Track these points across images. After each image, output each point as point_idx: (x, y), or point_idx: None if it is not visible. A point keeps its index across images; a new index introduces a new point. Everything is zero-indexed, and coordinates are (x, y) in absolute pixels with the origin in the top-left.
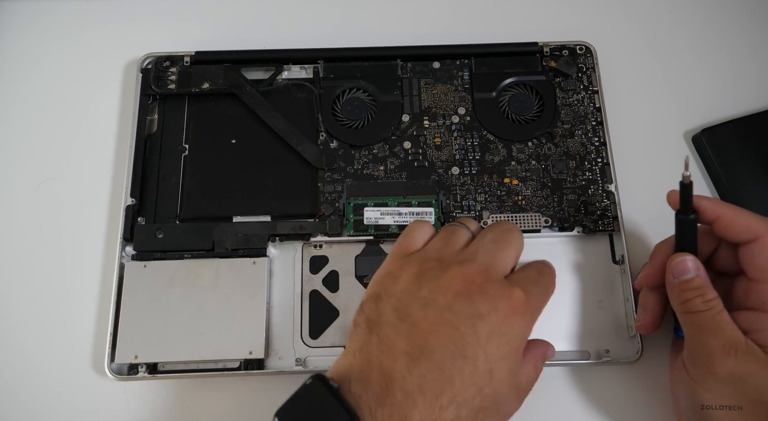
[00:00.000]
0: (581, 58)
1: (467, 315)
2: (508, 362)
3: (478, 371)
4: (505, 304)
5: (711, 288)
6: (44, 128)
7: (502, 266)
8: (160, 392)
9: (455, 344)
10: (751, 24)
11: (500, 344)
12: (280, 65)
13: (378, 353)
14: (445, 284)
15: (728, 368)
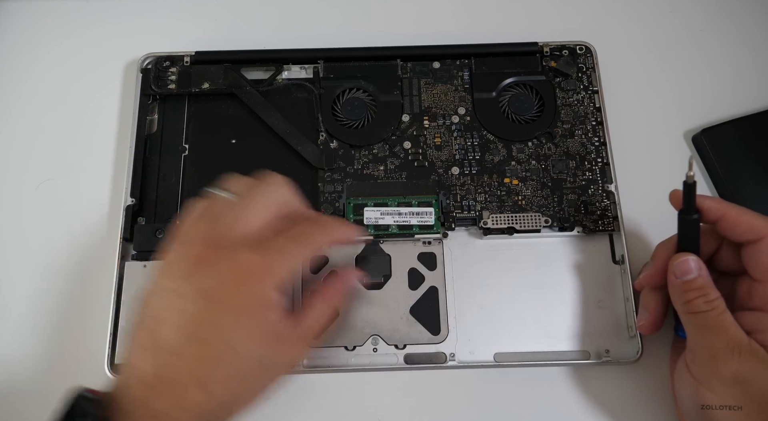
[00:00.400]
0: (581, 58)
1: (192, 296)
2: (251, 325)
3: (216, 349)
4: (231, 274)
5: (713, 288)
6: (44, 128)
7: (241, 233)
8: None
9: (186, 329)
10: (751, 24)
11: (234, 315)
12: (280, 65)
13: (132, 354)
14: (175, 266)
15: (732, 368)
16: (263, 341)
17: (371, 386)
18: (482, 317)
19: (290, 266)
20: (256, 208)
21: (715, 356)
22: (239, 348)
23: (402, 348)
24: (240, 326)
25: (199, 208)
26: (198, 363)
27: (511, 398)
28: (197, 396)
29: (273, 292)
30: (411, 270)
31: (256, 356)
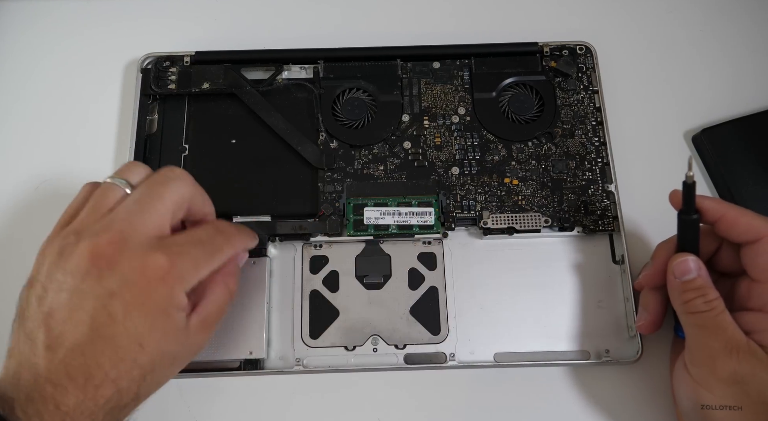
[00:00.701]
0: (581, 58)
1: (96, 295)
2: (159, 327)
3: (123, 348)
4: (138, 275)
5: (713, 288)
6: (44, 128)
7: (143, 230)
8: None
9: (90, 327)
10: (751, 24)
11: (142, 316)
12: (280, 65)
13: (26, 351)
14: (75, 262)
15: (730, 368)
16: (170, 339)
17: (371, 386)
18: (482, 317)
19: (198, 274)
20: (157, 207)
21: (713, 356)
22: (147, 347)
23: (402, 348)
24: (148, 327)
25: (92, 194)
26: (107, 360)
27: (511, 398)
28: (107, 391)
29: (180, 295)
30: (411, 270)
31: (164, 352)
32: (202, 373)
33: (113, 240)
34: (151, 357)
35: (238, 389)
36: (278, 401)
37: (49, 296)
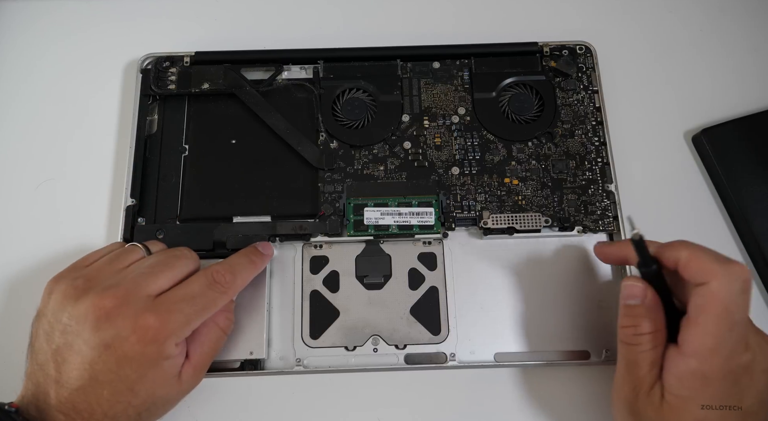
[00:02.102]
0: (581, 58)
1: (93, 344)
2: (149, 376)
3: (118, 392)
4: (130, 332)
5: (651, 320)
6: (44, 128)
7: (146, 290)
8: None
9: (90, 373)
10: (751, 24)
11: (133, 367)
12: (280, 65)
13: (41, 379)
14: (81, 310)
15: (632, 404)
16: (162, 386)
17: (371, 386)
18: (482, 317)
19: (190, 327)
20: (168, 273)
21: (623, 387)
22: (139, 392)
23: (402, 348)
24: (138, 376)
25: (115, 249)
26: (105, 401)
27: (511, 398)
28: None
29: (170, 348)
30: (411, 270)
31: (156, 396)
32: None
33: (116, 296)
34: (143, 400)
35: (238, 389)
36: (278, 401)
37: (56, 335)
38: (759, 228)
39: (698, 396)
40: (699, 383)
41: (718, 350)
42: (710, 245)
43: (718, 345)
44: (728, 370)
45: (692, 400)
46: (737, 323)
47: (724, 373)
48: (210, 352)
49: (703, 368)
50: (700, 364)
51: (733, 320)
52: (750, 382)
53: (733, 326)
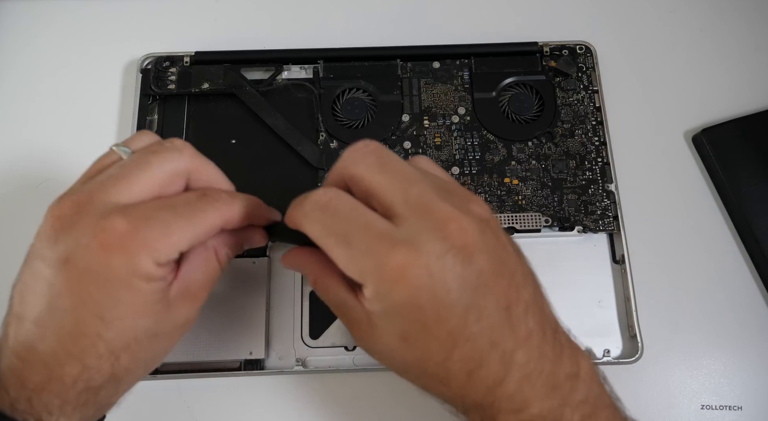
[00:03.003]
0: (581, 58)
1: (51, 261)
2: (122, 299)
3: (83, 320)
4: (90, 239)
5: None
6: (44, 128)
7: (113, 195)
8: (160, 392)
9: (48, 298)
10: (751, 24)
11: (99, 286)
12: (280, 65)
13: (5, 318)
14: (41, 227)
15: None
16: (141, 313)
17: (371, 386)
18: None
19: (171, 241)
20: (141, 173)
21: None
22: (111, 321)
23: None
24: (107, 298)
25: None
26: (67, 336)
27: None
28: (73, 369)
29: (146, 263)
30: None
31: (136, 327)
32: (202, 373)
33: (76, 201)
34: (118, 333)
35: (238, 389)
36: (278, 401)
37: (25, 264)
38: (759, 228)
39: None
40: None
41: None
42: (710, 244)
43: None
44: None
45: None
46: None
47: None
48: (202, 280)
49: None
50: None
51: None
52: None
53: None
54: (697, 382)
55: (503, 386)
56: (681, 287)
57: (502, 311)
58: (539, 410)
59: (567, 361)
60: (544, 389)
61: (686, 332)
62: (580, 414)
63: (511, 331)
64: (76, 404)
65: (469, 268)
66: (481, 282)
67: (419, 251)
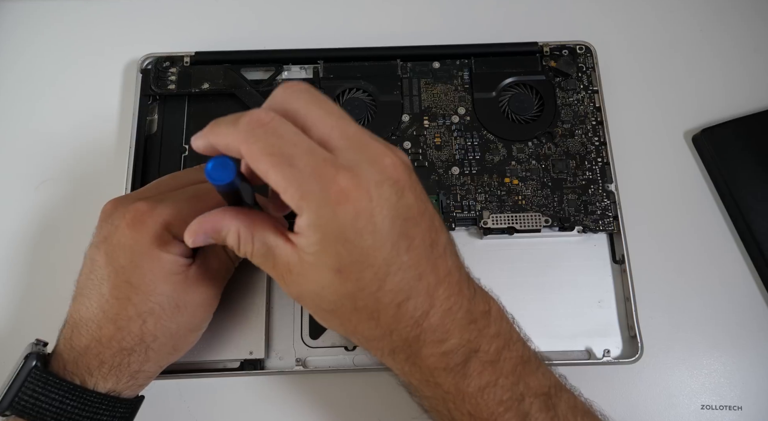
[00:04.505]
0: (581, 58)
1: (96, 243)
2: (146, 266)
3: (115, 287)
4: (121, 220)
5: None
6: (44, 128)
7: (142, 192)
8: (160, 392)
9: (90, 270)
10: (751, 24)
11: (127, 254)
12: (280, 65)
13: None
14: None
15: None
16: (159, 280)
17: (371, 386)
18: None
19: (182, 214)
20: (167, 181)
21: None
22: (137, 285)
23: None
24: (134, 265)
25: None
26: (104, 301)
27: None
28: (108, 330)
29: (163, 234)
30: None
31: (159, 293)
32: (202, 373)
33: (117, 200)
34: (144, 295)
35: (238, 389)
36: (278, 401)
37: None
38: (759, 228)
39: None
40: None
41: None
42: (710, 245)
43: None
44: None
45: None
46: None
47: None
48: (218, 265)
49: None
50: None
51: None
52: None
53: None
54: (697, 382)
55: (428, 317)
56: (681, 287)
57: (428, 247)
58: (459, 340)
59: (480, 299)
60: (463, 322)
61: (686, 332)
62: (495, 345)
63: (434, 266)
64: (112, 364)
65: (401, 200)
66: (411, 215)
67: (360, 176)
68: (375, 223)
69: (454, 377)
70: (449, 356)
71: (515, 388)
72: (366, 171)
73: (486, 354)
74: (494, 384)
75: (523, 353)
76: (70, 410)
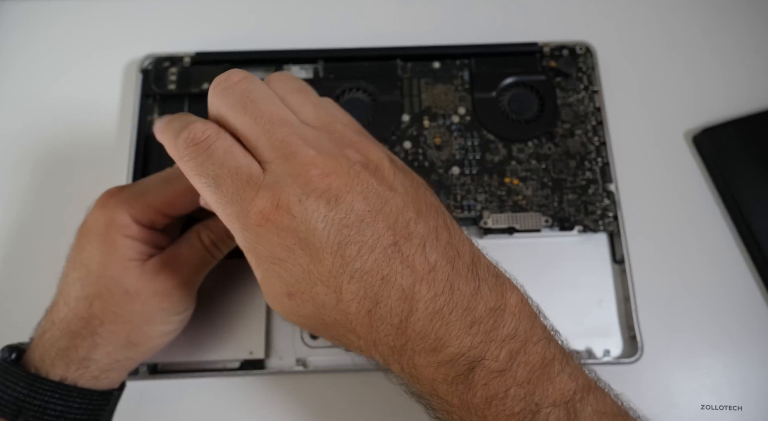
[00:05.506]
0: (581, 58)
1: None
2: (101, 249)
3: (71, 267)
4: (94, 205)
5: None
6: (44, 128)
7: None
8: (160, 393)
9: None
10: (751, 24)
11: (87, 238)
12: (280, 65)
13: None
14: None
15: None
16: (111, 264)
17: (371, 386)
18: None
19: (147, 198)
20: (159, 173)
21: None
22: (86, 264)
23: None
24: (88, 245)
25: None
26: (63, 282)
27: None
28: (61, 311)
29: (121, 216)
30: None
31: (110, 277)
32: (202, 373)
33: (107, 191)
34: (94, 278)
35: (238, 389)
36: (278, 401)
37: None
38: (759, 228)
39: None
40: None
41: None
42: (710, 245)
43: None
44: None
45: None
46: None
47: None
48: (184, 259)
49: None
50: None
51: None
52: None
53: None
54: (697, 382)
55: (411, 323)
56: (681, 287)
57: (389, 247)
58: (458, 348)
59: (488, 294)
60: (460, 325)
61: (686, 332)
62: (507, 350)
63: (406, 266)
64: (59, 347)
65: (335, 208)
66: (354, 220)
67: (280, 195)
68: (304, 238)
69: (456, 389)
70: (448, 366)
71: (530, 397)
72: (287, 187)
73: (494, 362)
74: (504, 395)
75: (545, 354)
76: (22, 398)
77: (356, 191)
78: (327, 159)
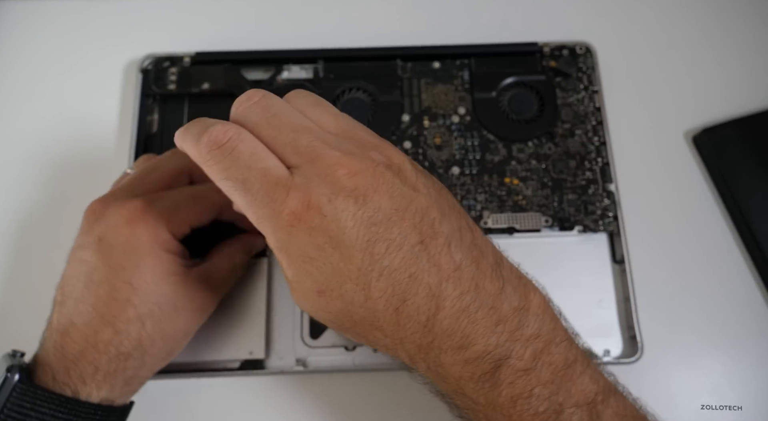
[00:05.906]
0: (581, 58)
1: (88, 244)
2: (147, 266)
3: (116, 289)
4: (119, 218)
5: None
6: (44, 128)
7: (129, 188)
8: (160, 392)
9: (87, 276)
10: (751, 24)
11: (127, 254)
12: (280, 65)
13: (51, 313)
14: (80, 225)
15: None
16: (161, 280)
17: (371, 386)
18: None
19: (181, 214)
20: (151, 173)
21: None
22: (139, 286)
23: None
24: (134, 265)
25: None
26: (101, 303)
27: None
28: (106, 334)
29: (163, 233)
30: None
31: (159, 294)
32: (202, 373)
33: (103, 199)
34: (145, 297)
35: (238, 389)
36: (278, 401)
37: (67, 263)
38: (759, 228)
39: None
40: None
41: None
42: (710, 245)
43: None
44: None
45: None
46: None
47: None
48: (221, 276)
49: None
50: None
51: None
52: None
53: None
54: (697, 382)
55: (438, 321)
56: (681, 287)
57: (416, 245)
58: (485, 347)
59: (512, 294)
60: (486, 323)
61: (686, 332)
62: (531, 349)
63: (432, 264)
64: (107, 371)
65: (364, 206)
66: (381, 218)
67: (311, 194)
68: (334, 237)
69: (482, 387)
70: (474, 364)
71: (554, 398)
72: (317, 187)
73: (520, 360)
74: (529, 395)
75: (567, 355)
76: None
77: (382, 190)
78: (352, 159)
